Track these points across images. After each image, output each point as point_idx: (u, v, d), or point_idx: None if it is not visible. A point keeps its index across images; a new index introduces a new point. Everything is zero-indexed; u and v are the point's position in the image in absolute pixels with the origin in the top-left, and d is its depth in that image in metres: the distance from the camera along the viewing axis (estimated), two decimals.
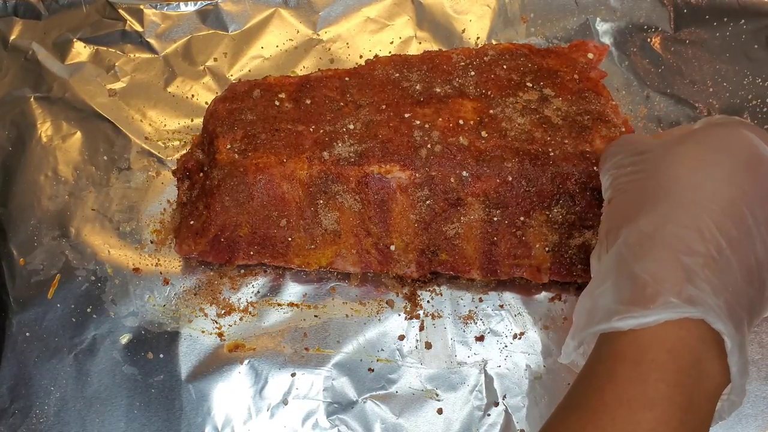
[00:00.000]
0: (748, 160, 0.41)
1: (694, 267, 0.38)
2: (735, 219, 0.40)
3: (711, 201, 0.40)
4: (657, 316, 0.37)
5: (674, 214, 0.40)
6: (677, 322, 0.37)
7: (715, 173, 0.41)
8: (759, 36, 0.68)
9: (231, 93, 0.62)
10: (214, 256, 0.60)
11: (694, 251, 0.39)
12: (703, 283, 0.38)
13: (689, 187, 0.41)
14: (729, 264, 0.39)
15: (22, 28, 0.72)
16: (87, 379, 0.58)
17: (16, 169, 0.66)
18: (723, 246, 0.39)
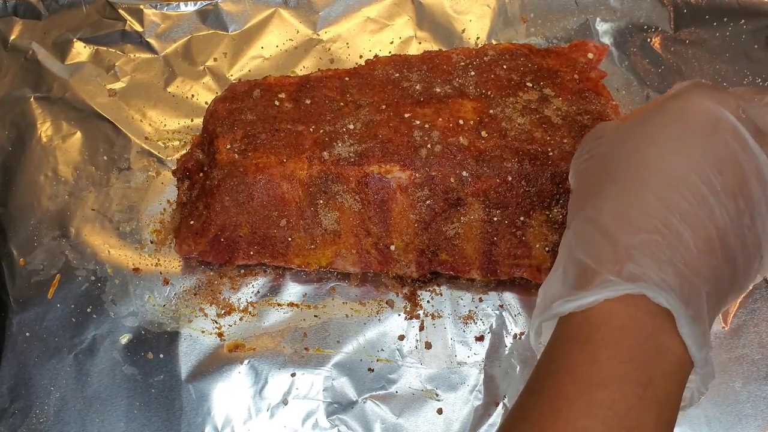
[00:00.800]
0: (700, 127, 0.40)
1: (635, 244, 0.38)
2: (684, 190, 0.39)
3: (655, 177, 0.39)
4: (595, 296, 0.37)
5: (617, 196, 0.40)
6: (625, 300, 0.37)
7: (661, 148, 0.40)
8: (759, 36, 0.68)
9: (231, 93, 0.62)
10: (214, 256, 0.60)
11: (637, 229, 0.38)
12: (645, 258, 0.37)
13: (633, 166, 0.40)
14: (680, 236, 0.38)
15: (22, 28, 0.72)
16: (87, 379, 0.58)
17: (16, 169, 0.66)
18: (671, 220, 0.38)
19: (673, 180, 0.39)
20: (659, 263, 0.37)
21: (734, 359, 0.57)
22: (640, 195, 0.39)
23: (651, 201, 0.39)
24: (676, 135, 0.40)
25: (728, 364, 0.57)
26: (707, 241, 0.38)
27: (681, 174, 0.39)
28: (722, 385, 0.56)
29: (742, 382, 0.56)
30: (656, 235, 0.38)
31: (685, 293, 0.37)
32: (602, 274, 0.37)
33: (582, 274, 0.39)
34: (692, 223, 0.38)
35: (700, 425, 0.55)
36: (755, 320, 0.59)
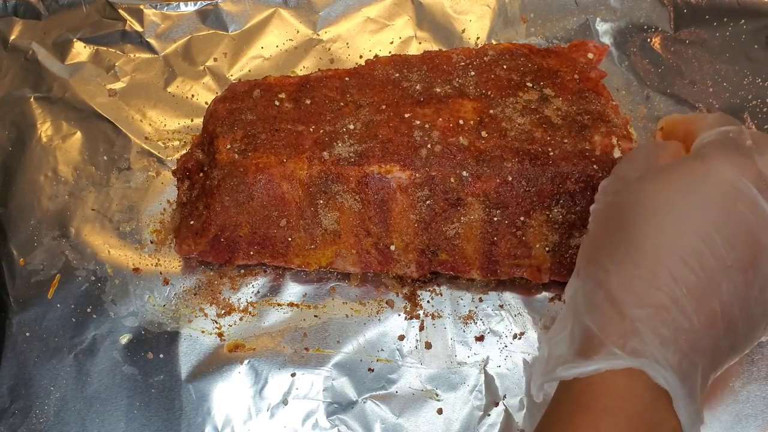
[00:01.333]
0: (720, 199, 0.40)
1: (642, 318, 0.38)
2: (696, 264, 0.39)
3: (670, 247, 0.39)
4: (599, 366, 0.38)
5: (629, 263, 0.40)
6: (626, 372, 0.38)
7: (680, 216, 0.40)
8: (759, 36, 0.68)
9: (231, 93, 0.62)
10: (214, 256, 0.60)
11: (645, 302, 0.39)
12: (650, 334, 0.38)
13: (650, 232, 0.40)
14: (685, 312, 0.39)
15: (22, 28, 0.72)
16: (87, 379, 0.58)
17: (16, 169, 0.66)
18: (678, 295, 0.39)
19: (688, 253, 0.39)
20: (662, 339, 0.38)
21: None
22: (651, 267, 0.39)
23: (661, 274, 0.39)
24: (695, 204, 0.40)
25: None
26: (710, 315, 0.39)
27: (697, 248, 0.39)
28: (721, 385, 0.56)
29: (741, 383, 0.56)
30: (662, 311, 0.38)
31: (683, 370, 0.38)
32: (607, 345, 0.38)
33: (587, 341, 0.39)
34: (697, 296, 0.39)
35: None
36: None
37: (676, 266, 0.39)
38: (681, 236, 0.39)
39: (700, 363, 0.39)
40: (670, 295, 0.39)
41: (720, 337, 0.40)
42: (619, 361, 0.38)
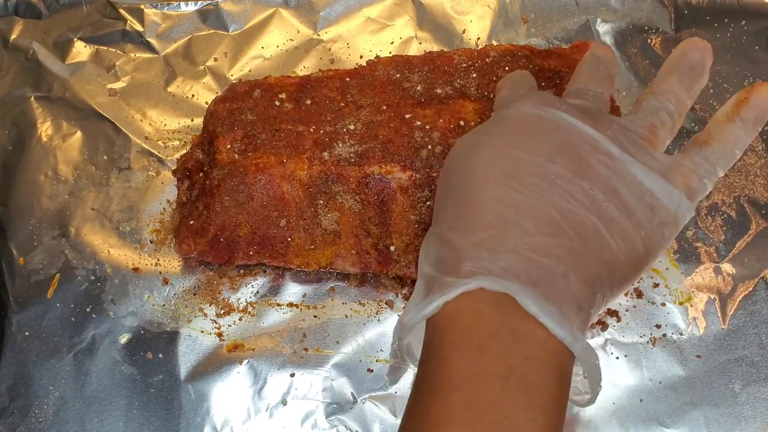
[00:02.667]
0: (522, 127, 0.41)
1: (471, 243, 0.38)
2: (515, 184, 0.39)
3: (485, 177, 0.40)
4: (436, 302, 0.37)
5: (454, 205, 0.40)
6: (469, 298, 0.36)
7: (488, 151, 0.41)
8: (760, 37, 0.68)
9: (231, 93, 0.62)
10: (213, 256, 0.60)
11: (473, 229, 0.38)
12: (482, 253, 0.37)
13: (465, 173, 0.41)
14: (518, 225, 0.38)
15: (23, 28, 0.72)
16: (86, 378, 0.58)
17: (16, 168, 0.66)
18: (504, 213, 0.38)
19: (502, 178, 0.39)
20: (497, 254, 0.37)
21: (733, 361, 0.57)
22: (472, 199, 0.39)
23: (483, 201, 0.39)
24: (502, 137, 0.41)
25: (728, 365, 0.57)
26: (551, 223, 0.38)
27: (509, 171, 0.39)
28: (721, 387, 0.56)
29: (741, 384, 0.56)
30: (492, 231, 0.38)
31: (533, 275, 0.37)
32: (438, 281, 0.37)
33: (428, 286, 0.39)
34: (529, 210, 0.38)
35: (699, 427, 0.55)
36: (755, 321, 0.58)
37: (495, 191, 0.39)
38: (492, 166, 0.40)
39: (557, 268, 0.37)
40: (496, 215, 0.38)
41: (576, 242, 0.38)
42: (454, 288, 0.36)
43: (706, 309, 0.59)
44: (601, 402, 0.57)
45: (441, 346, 0.37)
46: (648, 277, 0.60)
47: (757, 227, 0.62)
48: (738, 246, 0.61)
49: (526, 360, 0.35)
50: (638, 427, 0.56)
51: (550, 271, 0.37)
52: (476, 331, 0.36)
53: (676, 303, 0.60)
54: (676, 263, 0.61)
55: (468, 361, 0.35)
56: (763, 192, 0.63)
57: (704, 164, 0.43)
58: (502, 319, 0.36)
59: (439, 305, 0.37)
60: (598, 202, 0.39)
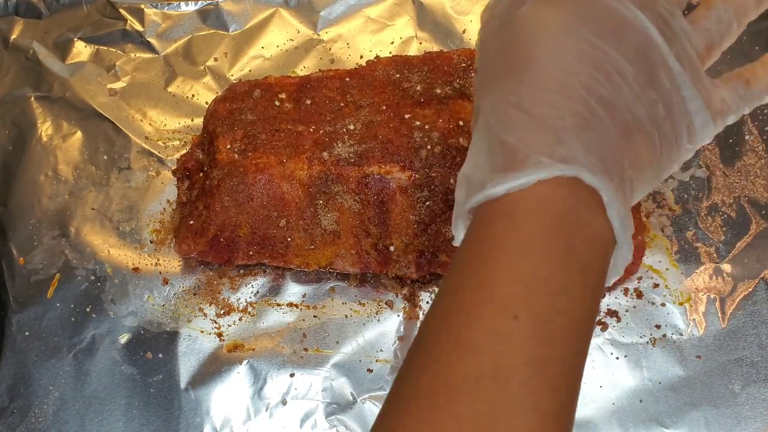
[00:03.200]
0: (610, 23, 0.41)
1: (563, 127, 0.38)
2: (602, 79, 0.39)
3: (575, 65, 0.39)
4: (529, 177, 0.37)
5: (540, 80, 0.40)
6: (551, 181, 0.37)
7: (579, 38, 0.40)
8: (759, 38, 0.68)
9: (231, 93, 0.62)
10: (213, 256, 0.60)
11: (563, 113, 0.38)
12: (574, 142, 0.37)
13: (553, 53, 0.40)
14: (602, 122, 0.39)
15: (23, 28, 0.72)
16: (86, 378, 0.58)
17: (17, 168, 0.66)
18: (593, 106, 0.39)
19: (593, 69, 0.39)
20: (586, 146, 0.38)
21: (733, 361, 0.57)
22: (562, 80, 0.39)
23: (574, 86, 0.39)
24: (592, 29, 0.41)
25: (727, 366, 0.57)
26: (624, 126, 0.39)
27: (599, 64, 0.40)
28: (721, 387, 0.56)
29: (741, 384, 0.56)
30: (581, 120, 0.38)
31: (614, 176, 0.38)
32: (533, 155, 0.37)
33: (511, 156, 0.38)
34: (609, 107, 0.39)
35: (699, 427, 0.55)
36: (755, 322, 0.58)
37: (585, 78, 0.39)
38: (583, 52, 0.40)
39: (627, 173, 0.39)
40: (585, 105, 0.38)
41: (639, 149, 0.40)
42: (548, 171, 0.36)
43: (706, 309, 0.59)
44: (601, 402, 0.56)
45: (512, 213, 0.37)
46: (648, 277, 0.60)
47: (757, 227, 0.62)
48: (738, 246, 0.61)
49: (586, 244, 0.36)
50: (638, 428, 0.55)
51: (623, 175, 0.39)
52: (551, 207, 0.36)
53: (676, 303, 0.60)
54: (676, 263, 0.61)
55: (539, 231, 0.36)
56: (763, 192, 0.63)
57: (739, 102, 0.44)
58: (575, 204, 0.37)
59: (532, 181, 0.37)
60: (657, 114, 0.41)
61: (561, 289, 0.35)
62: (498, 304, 0.34)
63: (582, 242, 0.36)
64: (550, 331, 0.34)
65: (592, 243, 0.37)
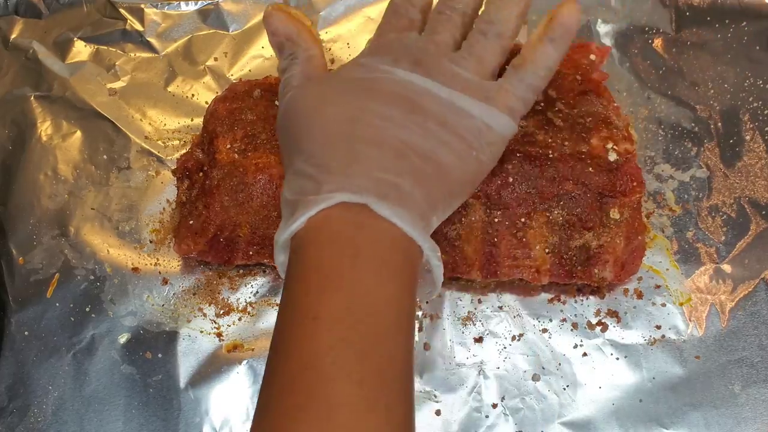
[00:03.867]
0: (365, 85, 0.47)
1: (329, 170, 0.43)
2: (361, 126, 0.45)
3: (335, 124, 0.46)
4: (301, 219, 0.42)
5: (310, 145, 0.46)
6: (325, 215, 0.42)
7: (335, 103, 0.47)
8: (760, 38, 0.68)
9: (231, 93, 0.62)
10: (213, 256, 0.60)
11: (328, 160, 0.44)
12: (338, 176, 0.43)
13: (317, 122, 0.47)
14: (366, 155, 0.44)
15: (23, 27, 0.72)
16: (85, 378, 0.58)
17: (16, 167, 0.66)
18: (355, 146, 0.44)
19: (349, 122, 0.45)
20: (352, 177, 0.43)
21: (733, 362, 0.57)
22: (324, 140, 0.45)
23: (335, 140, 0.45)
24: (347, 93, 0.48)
25: (727, 366, 0.57)
26: (393, 150, 0.44)
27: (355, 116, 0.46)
28: (721, 388, 0.56)
29: (741, 385, 0.56)
30: (345, 160, 0.44)
31: (384, 190, 0.42)
32: (306, 199, 0.43)
33: (292, 209, 0.44)
34: (374, 142, 0.44)
35: (698, 428, 0.55)
36: (755, 323, 0.58)
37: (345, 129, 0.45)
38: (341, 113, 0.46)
39: (404, 182, 0.43)
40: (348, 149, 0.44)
41: (418, 164, 0.44)
42: (316, 206, 0.42)
43: (707, 310, 0.59)
44: (601, 402, 0.56)
45: (300, 247, 0.42)
46: (648, 277, 0.60)
47: (757, 228, 0.62)
48: (738, 247, 0.61)
49: (371, 243, 0.41)
50: (638, 428, 0.55)
51: (396, 186, 0.43)
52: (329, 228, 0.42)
53: (676, 304, 0.59)
54: (676, 264, 0.61)
55: (319, 248, 0.41)
56: (763, 193, 0.63)
57: (520, 85, 0.49)
58: (352, 219, 0.42)
59: (303, 221, 0.42)
60: (431, 131, 0.45)
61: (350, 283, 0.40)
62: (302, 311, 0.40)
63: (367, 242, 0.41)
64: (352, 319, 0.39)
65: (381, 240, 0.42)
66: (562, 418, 0.56)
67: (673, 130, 0.66)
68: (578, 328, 0.59)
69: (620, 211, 0.56)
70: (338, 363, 0.37)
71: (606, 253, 0.56)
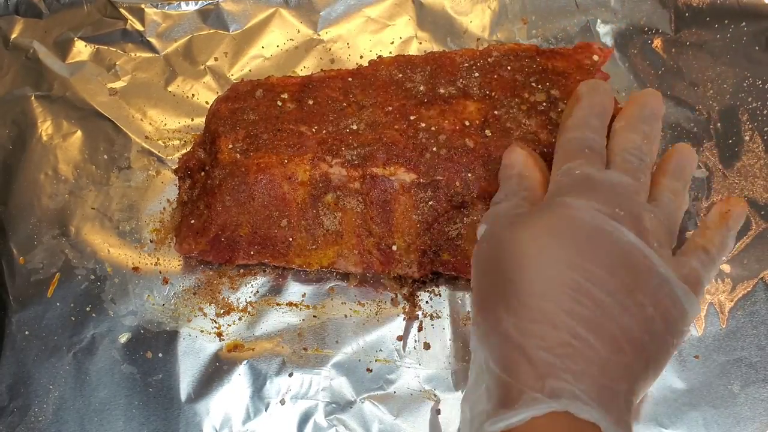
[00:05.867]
0: (586, 236, 0.43)
1: (551, 359, 0.39)
2: (583, 297, 0.41)
3: (556, 287, 0.41)
4: (523, 414, 0.38)
5: (524, 310, 0.41)
6: (548, 417, 0.38)
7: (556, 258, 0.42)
8: (760, 38, 0.68)
9: (233, 93, 0.62)
10: (214, 256, 0.60)
11: (549, 343, 0.40)
12: (562, 372, 0.39)
13: (534, 277, 0.42)
14: (588, 344, 0.40)
15: (23, 27, 0.72)
16: (86, 377, 0.59)
17: (17, 167, 0.66)
18: (577, 330, 0.40)
19: (573, 290, 0.41)
20: (575, 375, 0.39)
21: (732, 362, 0.57)
22: (543, 309, 0.41)
23: (555, 314, 0.40)
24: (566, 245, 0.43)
25: (726, 366, 0.57)
26: (613, 341, 0.40)
27: (579, 284, 0.41)
28: (720, 388, 0.57)
29: (740, 385, 0.57)
30: (567, 347, 0.39)
31: (605, 400, 0.39)
32: (525, 392, 0.39)
33: (505, 392, 0.40)
34: (594, 327, 0.40)
35: (698, 428, 0.55)
36: (754, 322, 0.59)
37: (566, 303, 0.40)
38: (562, 275, 0.41)
39: (620, 390, 0.40)
40: (569, 331, 0.40)
41: (631, 361, 0.41)
42: (542, 405, 0.38)
43: (705, 310, 0.59)
44: None
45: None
46: None
47: (756, 228, 0.62)
48: (737, 247, 0.61)
49: None
50: (637, 428, 0.56)
51: (616, 394, 0.40)
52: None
53: None
54: None
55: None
56: (762, 193, 0.63)
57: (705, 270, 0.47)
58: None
59: (525, 419, 0.39)
60: (649, 319, 0.42)
61: None
62: None
63: None
64: None
65: None
66: None
67: (672, 131, 0.66)
68: None
69: None
70: None
71: None
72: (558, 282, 0.41)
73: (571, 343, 0.40)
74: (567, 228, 0.43)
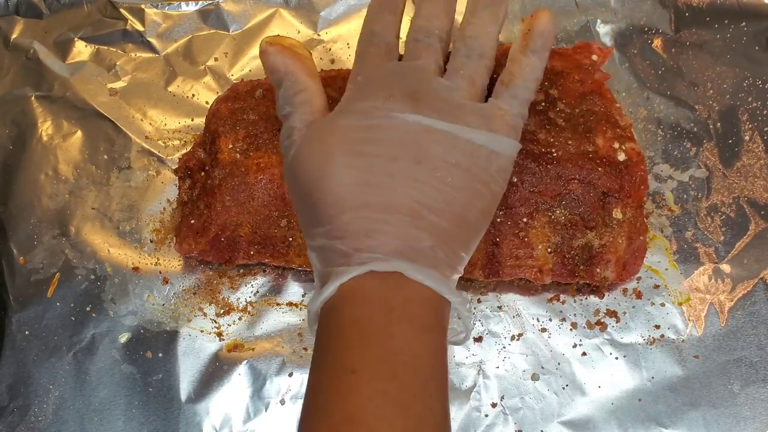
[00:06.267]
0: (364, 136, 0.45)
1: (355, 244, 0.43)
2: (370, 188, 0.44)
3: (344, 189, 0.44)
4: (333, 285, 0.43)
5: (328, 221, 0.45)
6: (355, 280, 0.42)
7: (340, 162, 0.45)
8: (760, 38, 0.68)
9: (233, 93, 0.62)
10: (214, 256, 0.60)
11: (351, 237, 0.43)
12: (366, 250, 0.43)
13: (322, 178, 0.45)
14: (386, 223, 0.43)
15: (24, 27, 0.72)
16: (86, 377, 0.59)
17: (17, 167, 0.66)
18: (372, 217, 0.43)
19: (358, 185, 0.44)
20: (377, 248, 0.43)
21: (732, 361, 0.57)
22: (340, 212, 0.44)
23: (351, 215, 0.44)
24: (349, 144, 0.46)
25: (726, 366, 0.57)
26: (410, 212, 0.43)
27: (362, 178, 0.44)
28: (720, 388, 0.57)
29: (740, 385, 0.57)
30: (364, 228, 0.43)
31: (409, 255, 0.43)
32: (335, 270, 0.43)
33: (325, 279, 0.44)
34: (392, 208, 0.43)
35: (698, 427, 0.55)
36: (754, 322, 0.59)
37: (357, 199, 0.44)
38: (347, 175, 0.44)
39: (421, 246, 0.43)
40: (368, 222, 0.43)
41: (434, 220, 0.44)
42: (346, 274, 0.42)
43: (706, 310, 0.59)
44: (600, 402, 0.57)
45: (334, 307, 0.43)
46: (647, 277, 0.61)
47: (756, 228, 0.62)
48: (737, 247, 0.61)
49: (405, 301, 0.42)
50: (637, 428, 0.56)
51: (419, 250, 0.43)
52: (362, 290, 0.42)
53: (675, 303, 0.60)
54: (675, 264, 0.61)
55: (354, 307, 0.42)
56: (762, 193, 0.63)
57: (514, 102, 0.49)
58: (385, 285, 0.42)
59: (335, 288, 0.43)
60: (442, 180, 0.44)
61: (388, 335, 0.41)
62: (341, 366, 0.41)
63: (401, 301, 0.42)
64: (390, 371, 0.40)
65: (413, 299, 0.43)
66: (562, 417, 0.56)
67: (672, 131, 0.66)
68: (577, 327, 0.59)
69: (623, 211, 0.56)
70: (379, 415, 0.38)
71: (608, 252, 0.56)
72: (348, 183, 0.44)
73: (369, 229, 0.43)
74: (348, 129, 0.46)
